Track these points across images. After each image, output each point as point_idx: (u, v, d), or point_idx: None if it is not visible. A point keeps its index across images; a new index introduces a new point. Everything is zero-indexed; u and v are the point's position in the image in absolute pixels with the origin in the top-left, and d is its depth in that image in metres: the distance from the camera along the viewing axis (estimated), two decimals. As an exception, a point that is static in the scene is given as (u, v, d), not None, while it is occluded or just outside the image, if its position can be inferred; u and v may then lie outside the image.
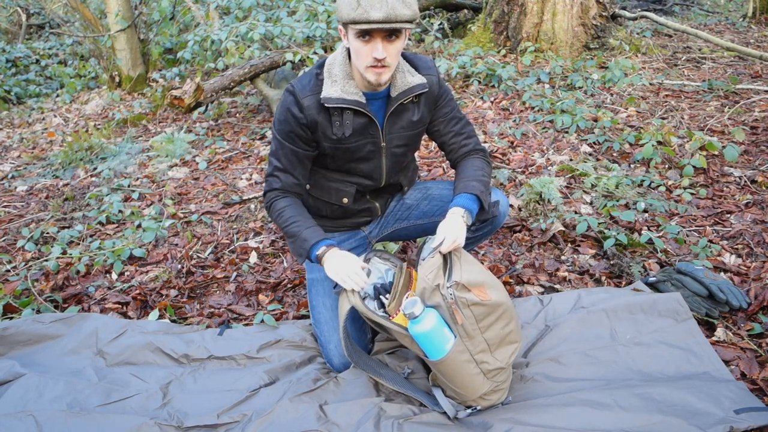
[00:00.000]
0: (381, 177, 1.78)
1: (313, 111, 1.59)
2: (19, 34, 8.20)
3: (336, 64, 1.60)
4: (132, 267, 2.51)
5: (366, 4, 1.38)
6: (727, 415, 1.43)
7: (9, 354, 1.88)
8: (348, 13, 1.41)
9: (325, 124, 1.61)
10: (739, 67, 4.42)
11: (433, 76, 1.68)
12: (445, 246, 1.49)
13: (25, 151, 4.36)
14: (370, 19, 1.38)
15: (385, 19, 1.38)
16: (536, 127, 3.55)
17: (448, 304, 1.42)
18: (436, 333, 1.43)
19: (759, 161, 2.90)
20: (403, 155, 1.78)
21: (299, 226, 1.63)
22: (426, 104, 1.70)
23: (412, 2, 1.43)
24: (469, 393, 1.50)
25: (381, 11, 1.38)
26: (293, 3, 4.81)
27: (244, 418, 1.57)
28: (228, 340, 1.92)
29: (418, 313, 1.41)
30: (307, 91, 1.59)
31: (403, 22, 1.41)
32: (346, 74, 1.58)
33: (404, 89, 1.61)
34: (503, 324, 1.50)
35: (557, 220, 2.52)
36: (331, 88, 1.57)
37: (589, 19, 4.79)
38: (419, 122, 1.72)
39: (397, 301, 1.52)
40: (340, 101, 1.56)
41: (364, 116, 1.61)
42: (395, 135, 1.70)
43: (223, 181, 3.35)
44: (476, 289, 1.43)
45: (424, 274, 1.47)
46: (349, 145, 1.66)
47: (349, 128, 1.61)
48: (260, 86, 4.37)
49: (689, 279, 1.98)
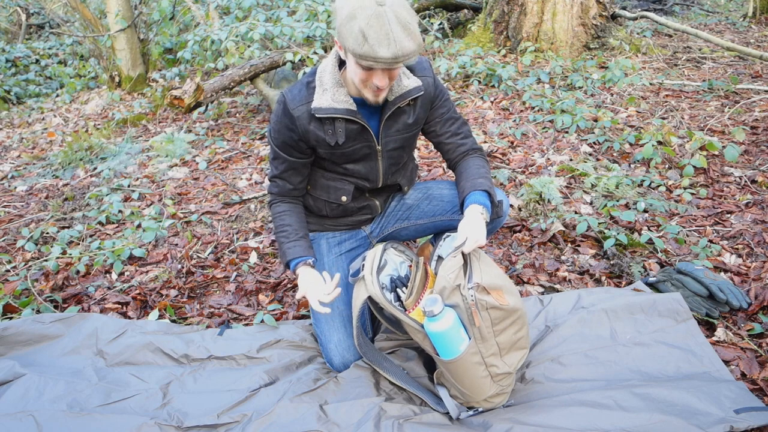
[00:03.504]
0: (378, 178, 1.78)
1: (304, 121, 1.59)
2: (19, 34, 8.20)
3: (326, 72, 1.58)
4: (132, 267, 2.51)
5: (373, 41, 1.33)
6: (727, 415, 1.43)
7: (9, 354, 1.88)
8: (354, 47, 1.36)
9: (317, 132, 1.61)
10: (739, 67, 4.42)
11: (428, 78, 1.67)
12: (468, 245, 1.48)
13: (25, 151, 4.36)
14: (377, 57, 1.34)
15: (392, 58, 1.35)
16: (536, 127, 3.55)
17: (468, 306, 1.41)
18: (452, 333, 1.42)
19: (759, 161, 2.90)
20: (399, 157, 1.78)
21: (286, 237, 1.73)
22: (422, 106, 1.70)
23: (416, 33, 1.39)
24: (475, 395, 1.50)
25: (389, 50, 1.34)
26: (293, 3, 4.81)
27: (244, 418, 1.57)
28: (228, 340, 1.92)
29: (438, 311, 1.39)
30: (298, 101, 1.59)
31: (409, 57, 1.38)
32: (336, 82, 1.57)
33: (400, 93, 1.60)
34: (516, 329, 1.50)
35: (557, 220, 2.52)
36: (321, 98, 1.56)
37: (589, 19, 4.79)
38: (414, 124, 1.72)
39: (415, 296, 1.51)
40: (330, 111, 1.56)
41: (356, 123, 1.61)
42: (391, 138, 1.70)
43: (223, 181, 3.35)
44: (495, 293, 1.43)
45: (445, 273, 1.45)
46: (344, 150, 1.67)
47: (342, 135, 1.62)
48: (260, 86, 4.37)
49: (689, 279, 1.98)
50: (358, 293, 1.55)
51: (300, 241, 1.72)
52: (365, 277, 1.52)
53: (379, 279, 1.52)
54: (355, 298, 1.58)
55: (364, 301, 1.51)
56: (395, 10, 1.35)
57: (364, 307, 1.53)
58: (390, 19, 1.33)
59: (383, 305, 1.49)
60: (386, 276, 1.61)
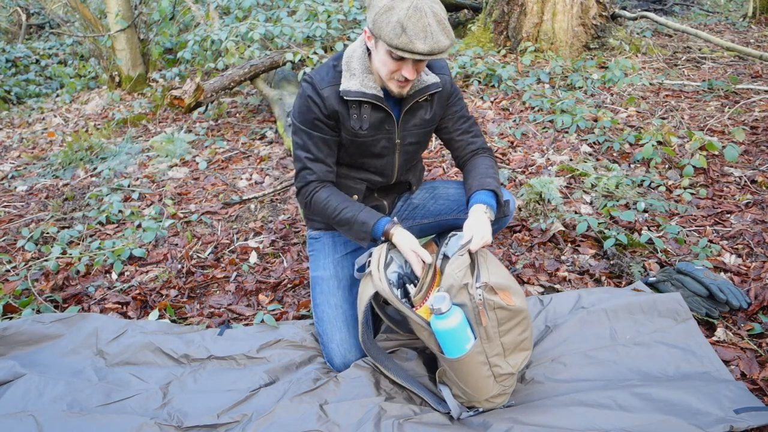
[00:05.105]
0: (393, 174, 1.80)
1: (332, 102, 1.61)
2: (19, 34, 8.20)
3: (355, 58, 1.60)
4: (132, 267, 2.51)
5: (412, 33, 1.36)
6: (727, 415, 1.43)
7: (9, 354, 1.88)
8: (391, 38, 1.38)
9: (344, 115, 1.63)
10: (739, 67, 4.42)
11: (446, 76, 1.71)
12: (474, 243, 1.48)
13: (25, 151, 4.36)
14: (414, 50, 1.38)
15: (429, 52, 1.39)
16: (536, 127, 3.55)
17: (475, 305, 1.41)
18: (458, 332, 1.42)
19: (759, 161, 2.90)
20: (415, 153, 1.81)
21: (352, 211, 1.64)
22: (439, 103, 1.73)
23: (450, 30, 1.43)
24: (477, 394, 1.50)
25: (426, 44, 1.37)
26: (293, 3, 4.81)
27: (244, 418, 1.57)
28: (228, 340, 1.92)
29: (445, 309, 1.39)
30: (326, 82, 1.61)
31: (443, 53, 1.41)
32: (365, 68, 1.59)
33: (420, 88, 1.64)
34: (520, 330, 1.50)
35: (557, 220, 2.52)
36: (350, 81, 1.58)
37: (589, 19, 4.79)
38: (431, 120, 1.74)
39: (423, 293, 1.51)
40: (359, 94, 1.58)
41: (381, 111, 1.63)
42: (409, 132, 1.72)
43: (223, 181, 3.35)
44: (502, 293, 1.43)
45: (452, 271, 1.45)
46: (365, 139, 1.68)
47: (367, 122, 1.63)
48: (260, 86, 4.37)
49: (689, 279, 1.98)
50: (365, 289, 1.54)
51: (366, 210, 1.65)
52: (372, 272, 1.51)
53: (387, 275, 1.52)
54: (361, 293, 1.57)
55: (370, 296, 1.51)
56: (432, 6, 1.39)
57: (370, 302, 1.52)
58: (428, 13, 1.37)
59: (391, 301, 1.48)
60: (393, 272, 1.60)
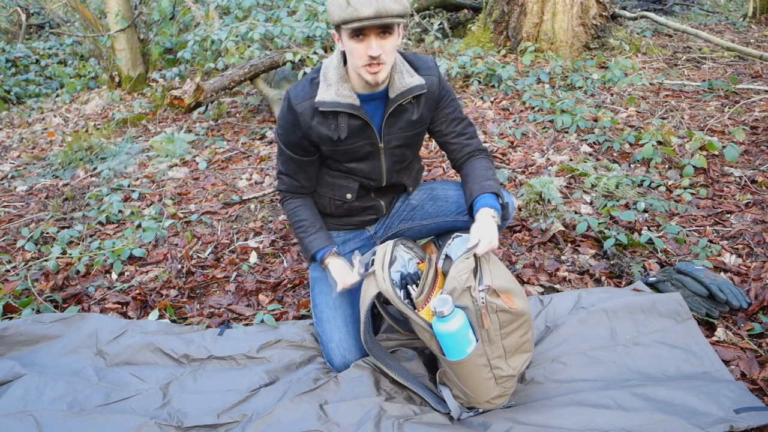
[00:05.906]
0: (381, 177, 1.78)
1: (307, 117, 1.61)
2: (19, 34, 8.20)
3: (331, 67, 1.61)
4: (132, 267, 2.51)
5: (355, 2, 1.39)
6: (727, 415, 1.43)
7: (9, 354, 1.88)
8: (339, 14, 1.42)
9: (320, 127, 1.63)
10: (739, 66, 4.42)
11: (433, 77, 1.68)
12: (482, 248, 1.47)
13: (25, 151, 4.36)
14: (360, 16, 1.39)
15: (375, 15, 1.39)
16: (536, 127, 3.55)
17: (478, 308, 1.41)
18: (460, 334, 1.42)
19: (759, 161, 2.90)
20: (402, 155, 1.78)
21: (306, 232, 1.77)
22: (426, 104, 1.70)
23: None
24: (478, 396, 1.50)
25: (371, 8, 1.39)
26: (293, 3, 4.81)
27: (244, 418, 1.57)
28: (228, 340, 1.92)
29: (448, 312, 1.38)
30: (301, 97, 1.62)
31: (393, 17, 1.41)
32: (341, 77, 1.59)
33: (402, 90, 1.61)
34: (522, 333, 1.50)
35: (557, 220, 2.52)
36: (325, 92, 1.59)
37: (589, 19, 4.79)
38: (419, 122, 1.72)
39: (425, 295, 1.51)
40: (333, 105, 1.58)
41: (358, 119, 1.62)
42: (394, 136, 1.70)
43: (223, 181, 3.35)
44: (505, 296, 1.43)
45: (456, 273, 1.44)
46: (346, 147, 1.68)
47: (345, 131, 1.63)
48: (260, 86, 4.37)
49: (689, 279, 1.98)
50: (368, 288, 1.54)
51: (319, 233, 1.77)
52: (376, 272, 1.51)
53: (390, 275, 1.51)
54: (364, 292, 1.57)
55: (373, 296, 1.50)
56: None
57: (372, 302, 1.52)
58: None
59: (393, 302, 1.48)
60: (396, 272, 1.60)
